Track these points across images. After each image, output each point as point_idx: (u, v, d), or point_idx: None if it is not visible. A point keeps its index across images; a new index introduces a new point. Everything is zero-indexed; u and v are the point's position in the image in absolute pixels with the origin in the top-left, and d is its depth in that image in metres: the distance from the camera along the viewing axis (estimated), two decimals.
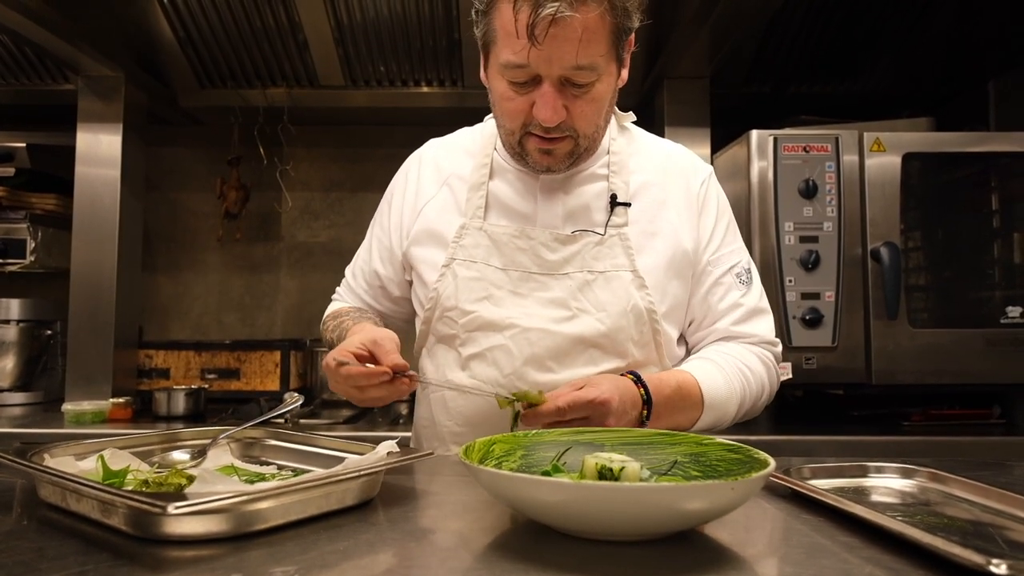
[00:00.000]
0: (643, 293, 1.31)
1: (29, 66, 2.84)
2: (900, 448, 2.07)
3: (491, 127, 1.44)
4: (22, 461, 0.89)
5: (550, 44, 1.14)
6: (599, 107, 1.25)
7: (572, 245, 1.33)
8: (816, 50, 2.71)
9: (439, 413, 1.38)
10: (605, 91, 1.24)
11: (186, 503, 0.71)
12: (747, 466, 0.86)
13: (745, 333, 1.39)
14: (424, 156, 1.50)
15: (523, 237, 1.33)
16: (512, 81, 1.22)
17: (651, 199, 1.37)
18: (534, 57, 1.16)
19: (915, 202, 2.36)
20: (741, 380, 1.34)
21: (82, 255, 2.62)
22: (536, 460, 0.98)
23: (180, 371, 2.80)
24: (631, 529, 0.76)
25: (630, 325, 1.30)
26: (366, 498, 0.92)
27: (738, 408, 1.34)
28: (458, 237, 1.36)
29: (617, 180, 1.37)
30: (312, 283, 3.30)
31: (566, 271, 1.32)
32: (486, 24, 1.22)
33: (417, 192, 1.45)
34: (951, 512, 0.90)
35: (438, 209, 1.41)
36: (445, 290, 1.34)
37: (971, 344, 2.24)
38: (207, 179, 3.25)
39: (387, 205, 1.52)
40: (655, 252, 1.34)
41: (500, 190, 1.38)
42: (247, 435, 1.16)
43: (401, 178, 1.52)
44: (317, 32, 2.69)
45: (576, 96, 1.21)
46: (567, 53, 1.15)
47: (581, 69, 1.18)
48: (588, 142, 1.29)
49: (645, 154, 1.43)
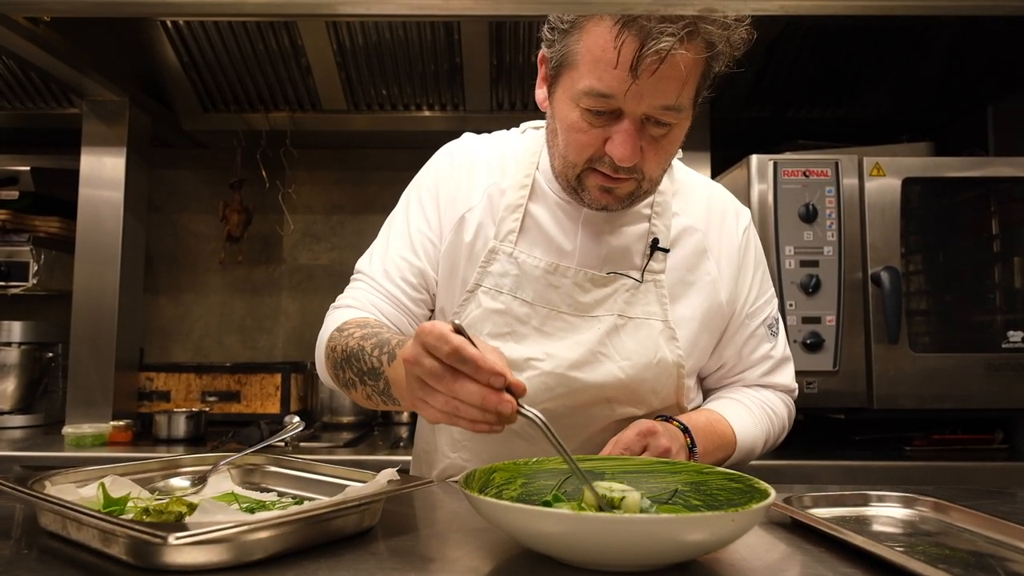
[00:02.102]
0: (672, 345, 1.26)
1: (34, 90, 2.86)
2: (902, 473, 2.06)
3: (532, 140, 1.35)
4: (23, 489, 0.89)
5: (652, 79, 1.05)
6: (671, 151, 1.18)
7: (606, 288, 1.26)
8: (815, 75, 2.73)
9: (443, 444, 1.33)
10: (680, 135, 1.17)
11: (187, 533, 0.71)
12: (748, 496, 0.86)
13: (772, 384, 1.40)
14: (466, 154, 1.36)
15: (557, 274, 1.25)
16: (589, 110, 1.11)
17: (692, 247, 1.31)
18: (627, 91, 1.07)
19: (915, 226, 2.37)
20: (767, 423, 1.36)
21: (84, 277, 2.63)
22: (537, 489, 0.98)
23: (181, 394, 2.80)
24: (631, 560, 0.76)
25: (653, 377, 1.25)
26: (366, 527, 0.92)
27: (762, 448, 1.36)
28: (487, 261, 1.26)
29: (659, 223, 1.29)
30: (313, 306, 3.30)
31: (596, 314, 1.25)
32: (566, 44, 1.12)
33: (456, 193, 1.31)
34: (953, 543, 0.90)
35: (477, 220, 1.29)
36: (467, 318, 1.26)
37: (973, 369, 2.23)
38: (210, 202, 3.27)
39: (430, 196, 1.33)
40: (690, 304, 1.29)
41: (540, 216, 1.28)
42: (248, 461, 1.15)
43: (443, 172, 1.35)
44: (319, 56, 2.72)
45: (655, 138, 1.13)
46: (664, 91, 1.07)
47: (669, 110, 1.10)
48: (650, 185, 1.20)
49: (686, 194, 1.35)
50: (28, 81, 2.81)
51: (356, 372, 1.13)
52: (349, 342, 1.15)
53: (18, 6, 0.89)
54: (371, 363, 1.09)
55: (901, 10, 0.57)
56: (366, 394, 1.13)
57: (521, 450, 1.20)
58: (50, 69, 2.42)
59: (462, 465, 1.29)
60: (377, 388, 1.09)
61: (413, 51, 2.70)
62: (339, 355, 1.17)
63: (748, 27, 1.10)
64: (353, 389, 1.16)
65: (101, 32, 2.57)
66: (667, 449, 1.14)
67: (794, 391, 1.44)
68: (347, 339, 1.16)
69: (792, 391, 1.43)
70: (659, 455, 1.12)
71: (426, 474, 1.39)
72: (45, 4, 0.66)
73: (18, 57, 2.32)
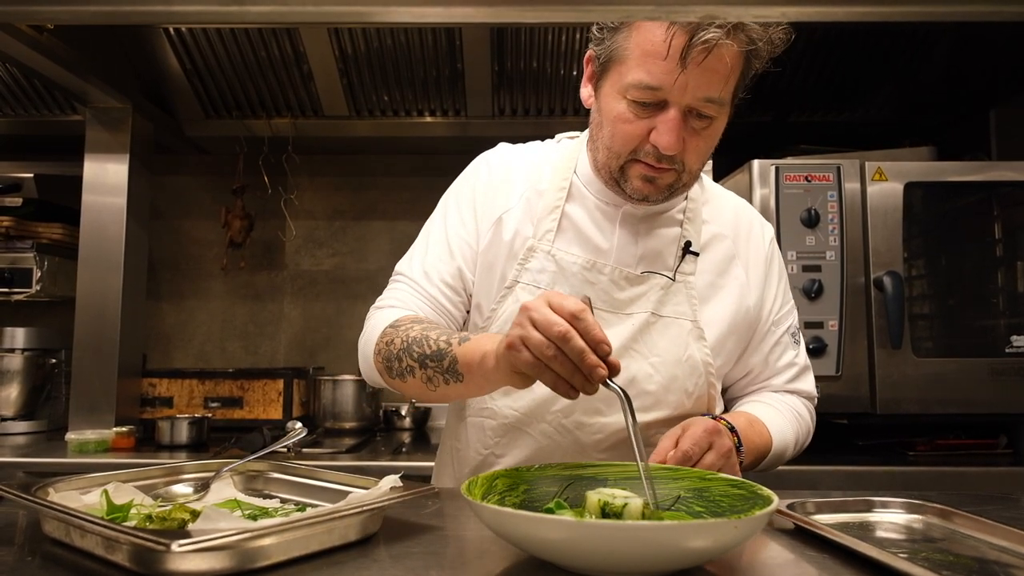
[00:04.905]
0: (700, 344, 1.30)
1: (38, 97, 2.87)
2: (906, 479, 2.05)
3: (570, 147, 1.41)
4: (26, 496, 0.89)
5: (698, 71, 1.12)
6: (711, 145, 1.24)
7: (640, 286, 1.30)
8: (817, 80, 2.73)
9: (475, 440, 1.35)
10: (720, 130, 1.23)
11: (190, 540, 0.71)
12: (751, 502, 0.86)
13: (797, 390, 1.45)
14: (502, 160, 1.42)
15: (594, 271, 1.30)
16: (636, 101, 1.18)
17: (721, 252, 1.37)
18: (675, 81, 1.13)
19: (918, 230, 2.37)
20: (796, 426, 1.40)
21: (87, 284, 2.63)
22: (539, 495, 0.98)
23: (183, 399, 2.80)
24: (634, 567, 0.76)
25: (684, 376, 1.29)
26: (369, 534, 0.92)
27: (792, 451, 1.40)
28: (524, 259, 1.31)
29: (691, 228, 1.35)
30: (315, 311, 3.31)
31: (630, 311, 1.29)
32: (615, 41, 1.19)
33: (495, 197, 1.37)
34: (957, 549, 0.90)
35: (516, 221, 1.34)
36: (506, 313, 1.30)
37: (976, 373, 2.23)
38: (212, 208, 3.27)
39: (468, 202, 1.39)
40: (719, 306, 1.34)
41: (577, 216, 1.34)
42: (250, 468, 1.15)
43: (480, 178, 1.40)
44: (321, 63, 2.72)
45: (696, 130, 1.19)
46: (710, 83, 1.14)
47: (711, 102, 1.16)
48: (690, 178, 1.26)
49: (715, 205, 1.42)
50: (31, 88, 2.82)
51: (417, 357, 1.18)
52: (410, 333, 1.22)
53: (21, 15, 0.89)
54: (436, 347, 1.16)
55: (903, 16, 0.57)
56: (426, 377, 1.18)
57: (551, 454, 1.26)
58: (53, 76, 2.43)
59: (494, 462, 1.32)
60: (440, 367, 1.15)
61: (415, 57, 2.70)
62: (397, 346, 1.23)
63: (787, 27, 1.18)
64: (410, 376, 1.20)
65: (104, 39, 2.58)
66: (730, 449, 1.16)
67: (815, 398, 1.48)
68: (406, 331, 1.23)
69: (814, 398, 1.48)
70: (723, 454, 1.15)
71: (458, 473, 1.39)
72: (48, 12, 0.66)
73: (21, 64, 2.33)
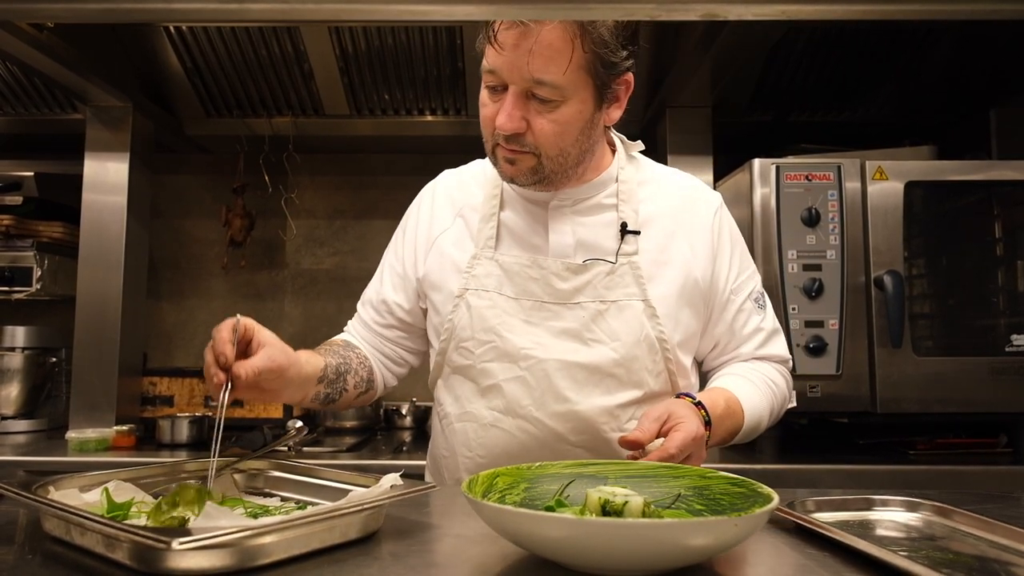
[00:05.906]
0: (654, 323, 1.32)
1: (38, 96, 2.87)
2: (906, 478, 2.05)
3: None
4: (26, 494, 0.89)
5: (511, 52, 1.19)
6: (563, 130, 1.25)
7: (584, 275, 1.33)
8: (817, 79, 2.73)
9: (459, 445, 1.37)
10: (573, 116, 1.25)
11: (190, 538, 0.72)
12: (751, 500, 0.86)
13: (767, 355, 1.45)
14: (438, 187, 1.52)
15: (534, 267, 1.34)
16: (487, 86, 1.27)
17: (661, 228, 1.38)
18: (500, 63, 1.21)
19: (918, 229, 2.37)
20: (770, 394, 1.41)
21: (88, 282, 2.63)
22: (540, 493, 0.98)
23: (184, 398, 2.80)
24: (634, 565, 0.76)
25: (644, 355, 1.31)
26: (369, 532, 0.92)
27: (768, 420, 1.41)
28: (470, 267, 1.37)
29: (626, 208, 1.37)
30: (316, 310, 3.31)
31: (578, 300, 1.32)
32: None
33: (431, 222, 1.47)
34: (956, 547, 0.90)
35: (453, 240, 1.42)
36: (460, 320, 1.35)
37: (976, 372, 2.23)
38: (212, 207, 3.27)
39: (401, 233, 1.53)
40: (666, 281, 1.35)
41: (511, 220, 1.40)
42: (251, 466, 1.16)
43: (415, 208, 1.53)
44: (322, 62, 2.72)
45: (538, 112, 1.23)
46: (525, 63, 1.19)
47: (541, 84, 1.20)
48: (553, 164, 1.28)
49: (654, 183, 1.44)
50: (32, 87, 2.82)
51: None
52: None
53: (22, 12, 0.89)
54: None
55: (903, 15, 0.57)
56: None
57: (530, 447, 1.31)
58: (54, 75, 2.43)
59: (480, 462, 1.34)
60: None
61: (416, 56, 2.70)
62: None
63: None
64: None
65: (105, 38, 2.58)
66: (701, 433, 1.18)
67: (788, 361, 1.49)
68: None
69: (787, 361, 1.49)
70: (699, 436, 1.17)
71: (448, 476, 1.42)
72: (48, 10, 0.66)
73: (22, 63, 2.33)
